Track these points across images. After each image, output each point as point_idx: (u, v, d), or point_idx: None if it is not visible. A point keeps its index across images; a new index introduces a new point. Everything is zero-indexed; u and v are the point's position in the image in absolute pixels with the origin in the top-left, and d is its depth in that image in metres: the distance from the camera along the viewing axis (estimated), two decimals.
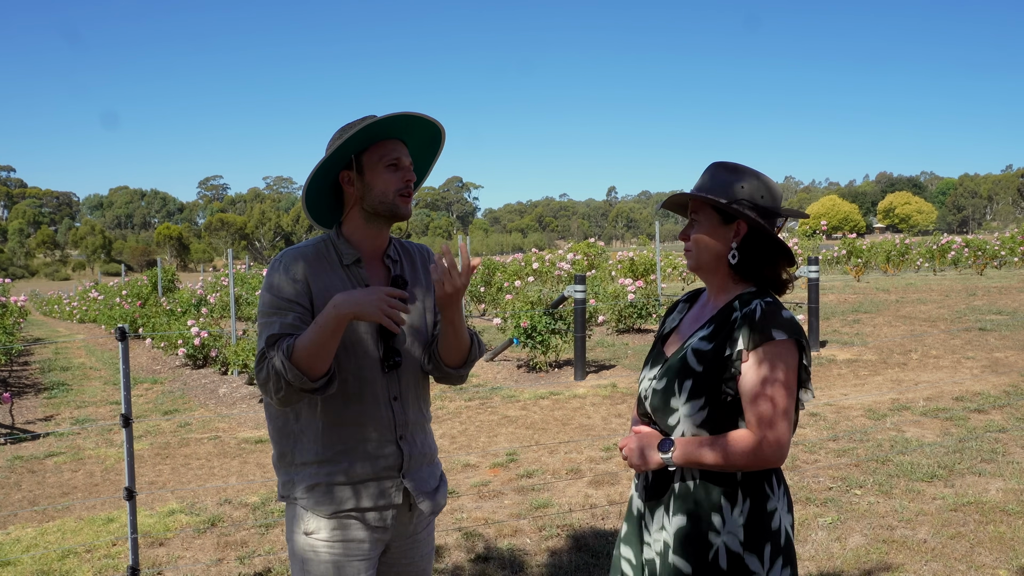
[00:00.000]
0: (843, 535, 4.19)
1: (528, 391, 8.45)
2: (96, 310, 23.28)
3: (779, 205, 1.91)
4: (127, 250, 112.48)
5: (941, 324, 11.01)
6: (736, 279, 1.92)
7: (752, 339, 1.77)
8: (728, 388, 1.79)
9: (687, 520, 1.81)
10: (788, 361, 1.77)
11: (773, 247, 1.89)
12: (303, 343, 1.88)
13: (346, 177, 2.06)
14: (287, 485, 2.08)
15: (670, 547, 1.83)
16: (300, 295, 1.99)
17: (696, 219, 1.93)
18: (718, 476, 1.80)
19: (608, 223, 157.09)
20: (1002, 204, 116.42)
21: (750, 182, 1.88)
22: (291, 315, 1.97)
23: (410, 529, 2.15)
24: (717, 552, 1.77)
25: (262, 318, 2.02)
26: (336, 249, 2.08)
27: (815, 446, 5.82)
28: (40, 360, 14.21)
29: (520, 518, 4.67)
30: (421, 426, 2.16)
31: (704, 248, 1.91)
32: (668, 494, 1.86)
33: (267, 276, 2.04)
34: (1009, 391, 7.26)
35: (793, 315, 1.83)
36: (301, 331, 1.95)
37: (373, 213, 2.06)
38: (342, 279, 2.05)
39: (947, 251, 21.72)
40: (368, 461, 2.03)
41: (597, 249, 20.34)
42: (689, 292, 2.12)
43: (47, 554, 4.41)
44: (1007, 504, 4.48)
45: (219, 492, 5.52)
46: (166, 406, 8.92)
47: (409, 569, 2.19)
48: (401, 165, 2.05)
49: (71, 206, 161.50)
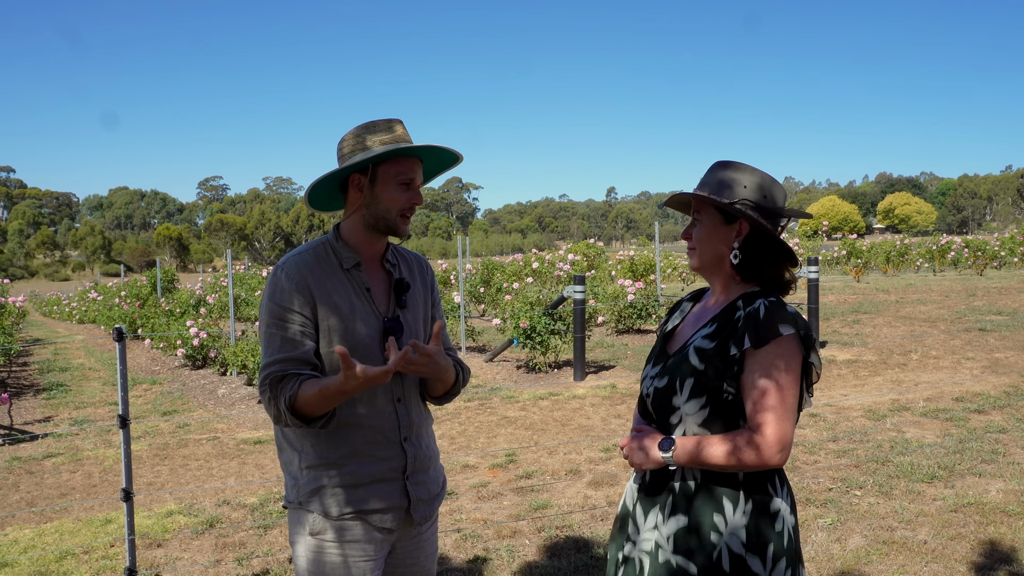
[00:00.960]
0: (843, 536, 4.18)
1: (527, 392, 8.43)
2: (95, 311, 23.27)
3: (782, 205, 1.90)
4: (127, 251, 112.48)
5: (941, 324, 10.99)
6: (739, 279, 1.91)
7: (755, 338, 1.76)
8: (730, 387, 1.78)
9: (688, 520, 1.79)
10: (791, 360, 1.76)
11: (775, 247, 1.88)
12: (307, 398, 1.90)
13: (357, 181, 2.05)
14: (293, 489, 2.08)
15: (663, 547, 1.81)
16: (303, 304, 1.99)
17: (698, 218, 1.92)
18: (720, 476, 1.79)
19: (608, 223, 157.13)
20: (1002, 205, 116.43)
21: (753, 182, 1.87)
22: (293, 326, 1.98)
23: (414, 530, 2.16)
24: (720, 553, 1.76)
25: (264, 328, 2.03)
26: (336, 253, 2.07)
27: (815, 447, 5.80)
28: (39, 361, 14.19)
29: (519, 519, 4.66)
30: (425, 427, 2.17)
31: (706, 248, 1.91)
32: (666, 494, 1.84)
33: (269, 284, 2.04)
34: (1009, 392, 7.25)
35: (799, 312, 1.82)
36: (303, 346, 1.97)
37: (372, 223, 2.06)
38: (344, 283, 2.04)
39: (947, 252, 21.70)
40: (374, 463, 2.04)
41: (597, 250, 20.34)
42: (693, 292, 2.11)
43: (45, 555, 4.40)
44: (1008, 505, 4.47)
45: (217, 493, 5.51)
46: (165, 407, 8.91)
47: (414, 569, 2.20)
48: (413, 186, 2.06)
49: (71, 207, 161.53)
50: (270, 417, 2.00)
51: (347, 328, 2.01)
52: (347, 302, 2.03)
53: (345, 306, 2.02)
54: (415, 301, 2.16)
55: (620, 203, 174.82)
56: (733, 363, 1.78)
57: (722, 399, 1.79)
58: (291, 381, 1.94)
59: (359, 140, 2.04)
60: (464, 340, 11.58)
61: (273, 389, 1.95)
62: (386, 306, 2.10)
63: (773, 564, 1.77)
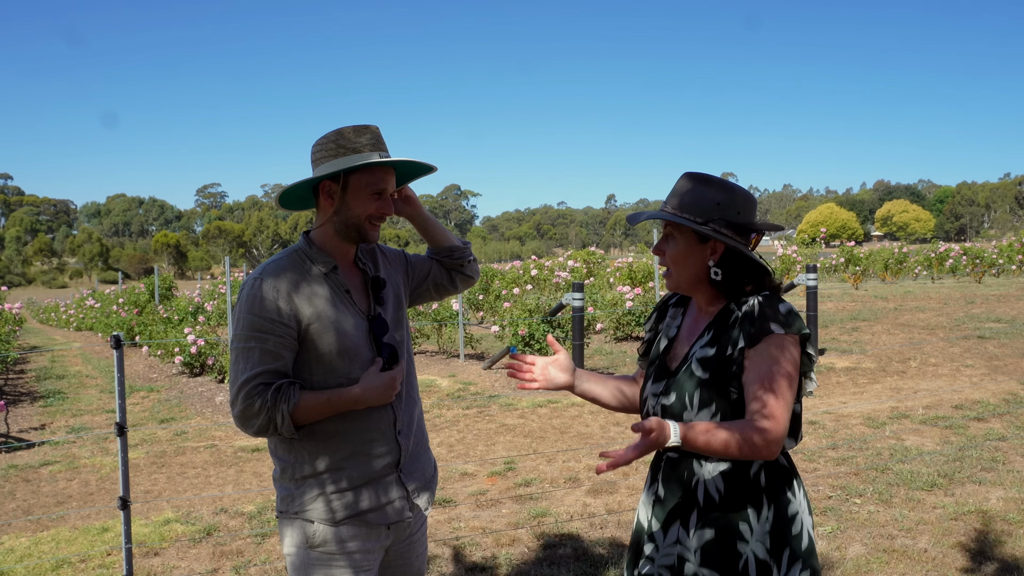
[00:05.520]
0: (843, 544, 4.16)
1: (526, 399, 8.41)
2: (93, 318, 23.21)
3: (754, 220, 1.88)
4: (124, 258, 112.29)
5: (940, 332, 10.99)
6: (720, 294, 1.89)
7: (751, 335, 1.76)
8: (733, 387, 1.79)
9: (715, 532, 1.79)
10: (787, 353, 1.76)
11: (751, 263, 1.86)
12: (309, 406, 1.95)
13: (328, 188, 2.06)
14: (287, 500, 2.06)
15: (689, 560, 1.81)
16: (286, 315, 1.97)
17: (671, 235, 1.89)
18: (742, 486, 1.79)
19: (606, 231, 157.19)
20: (1000, 212, 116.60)
21: (724, 198, 1.83)
22: (273, 338, 1.96)
23: (407, 532, 2.18)
24: (746, 561, 1.77)
25: (240, 343, 1.98)
26: (311, 259, 2.08)
27: (814, 455, 5.79)
28: (36, 368, 14.15)
29: (518, 527, 4.64)
30: (416, 414, 2.21)
31: (682, 269, 1.88)
32: (689, 508, 1.83)
33: (246, 293, 2.00)
34: (1008, 399, 7.24)
35: (792, 306, 1.81)
36: (281, 360, 1.97)
37: (343, 230, 2.08)
38: (324, 288, 2.05)
39: (945, 259, 21.73)
40: (369, 462, 2.05)
41: (596, 257, 20.34)
42: (679, 295, 2.07)
43: (41, 564, 4.37)
44: (1008, 513, 4.46)
45: (215, 501, 5.49)
46: (162, 414, 8.88)
47: (405, 570, 2.23)
48: (384, 195, 2.08)
49: (68, 214, 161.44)
50: (251, 428, 1.95)
51: (335, 331, 2.02)
52: (331, 306, 2.03)
53: (329, 311, 2.02)
54: (390, 294, 2.20)
55: (619, 210, 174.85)
56: (732, 363, 1.78)
57: (730, 400, 1.79)
58: (289, 389, 1.94)
59: (333, 146, 2.04)
60: (462, 347, 11.56)
61: (274, 397, 1.93)
62: (366, 305, 2.13)
63: (788, 566, 1.78)
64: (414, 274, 2.35)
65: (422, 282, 2.36)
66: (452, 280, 2.40)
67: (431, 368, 10.98)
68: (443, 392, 9.14)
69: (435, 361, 11.59)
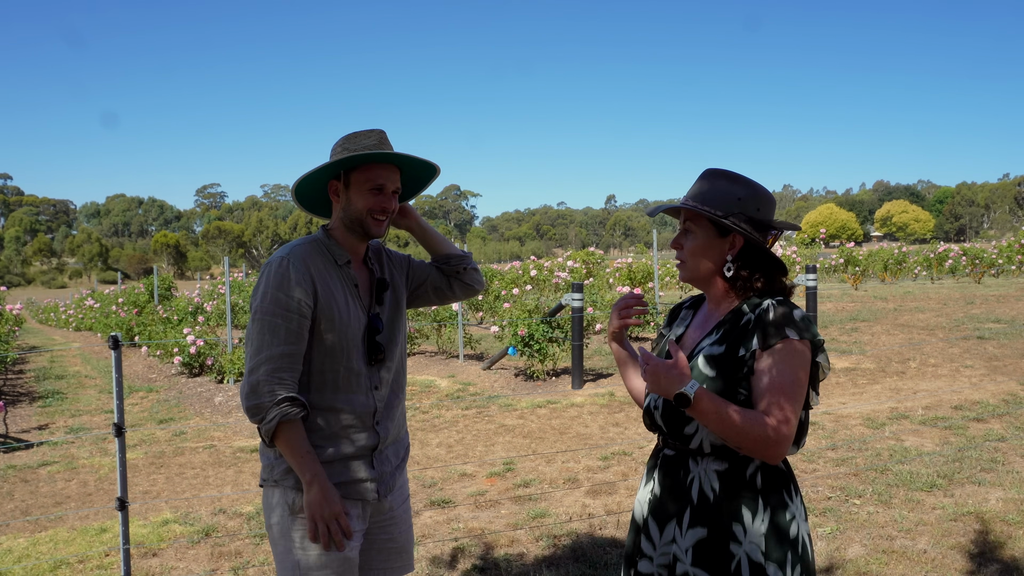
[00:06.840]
0: (842, 545, 4.16)
1: (525, 400, 8.41)
2: (92, 318, 23.21)
3: (772, 217, 1.89)
4: (124, 258, 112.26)
5: (939, 332, 10.98)
6: (733, 290, 1.89)
7: (766, 339, 1.76)
8: (742, 388, 1.77)
9: (708, 531, 1.78)
10: (800, 359, 1.75)
11: (768, 260, 1.87)
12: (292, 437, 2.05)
13: (333, 187, 2.23)
14: (268, 468, 2.18)
15: (681, 560, 1.80)
16: (309, 295, 2.10)
17: (690, 229, 1.90)
18: (738, 486, 1.79)
19: (606, 231, 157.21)
20: (999, 213, 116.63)
21: (746, 193, 1.84)
22: (295, 319, 2.08)
23: (387, 507, 2.29)
24: (739, 563, 1.75)
25: (266, 316, 2.08)
26: (329, 249, 2.21)
27: (813, 455, 5.78)
28: (35, 368, 14.14)
29: (517, 528, 4.63)
30: (398, 407, 2.32)
31: (698, 261, 1.89)
32: (684, 506, 1.83)
33: (274, 270, 2.11)
34: (1008, 400, 7.24)
35: (807, 313, 1.80)
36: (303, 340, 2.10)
37: (349, 225, 2.21)
38: (338, 278, 2.19)
39: (944, 259, 21.73)
40: (347, 444, 2.17)
41: (595, 257, 20.33)
42: (693, 297, 2.08)
43: (39, 565, 4.36)
44: (1007, 514, 4.45)
45: (213, 502, 5.48)
46: (161, 415, 8.87)
47: (390, 545, 2.31)
48: (384, 191, 2.19)
49: (68, 214, 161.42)
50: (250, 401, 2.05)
51: (341, 321, 2.14)
52: (342, 296, 2.17)
53: (341, 300, 2.16)
54: (392, 300, 2.32)
55: (619, 211, 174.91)
56: (743, 364, 1.77)
57: (738, 402, 1.78)
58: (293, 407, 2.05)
59: (340, 148, 2.19)
60: (462, 348, 11.56)
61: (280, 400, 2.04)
62: (368, 302, 2.25)
63: (791, 571, 1.77)
64: (413, 276, 2.46)
65: (420, 285, 2.46)
66: (451, 286, 2.50)
67: (430, 368, 10.98)
68: (442, 392, 9.14)
69: (434, 361, 11.58)
